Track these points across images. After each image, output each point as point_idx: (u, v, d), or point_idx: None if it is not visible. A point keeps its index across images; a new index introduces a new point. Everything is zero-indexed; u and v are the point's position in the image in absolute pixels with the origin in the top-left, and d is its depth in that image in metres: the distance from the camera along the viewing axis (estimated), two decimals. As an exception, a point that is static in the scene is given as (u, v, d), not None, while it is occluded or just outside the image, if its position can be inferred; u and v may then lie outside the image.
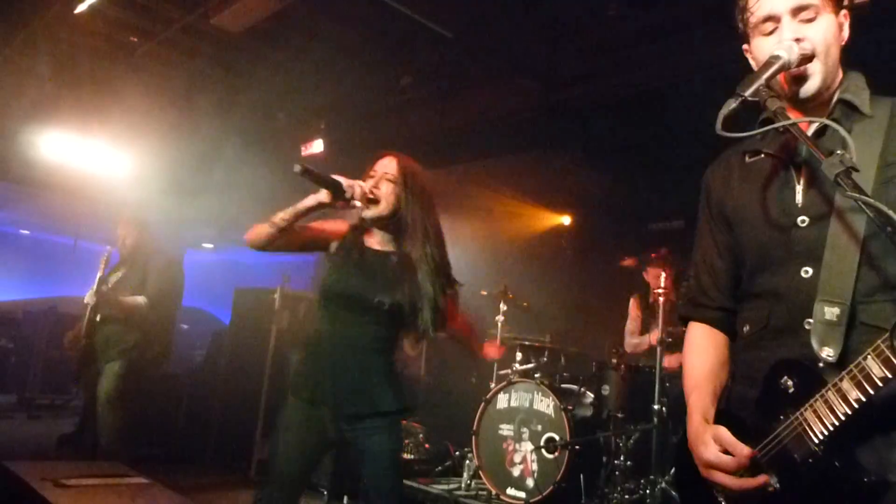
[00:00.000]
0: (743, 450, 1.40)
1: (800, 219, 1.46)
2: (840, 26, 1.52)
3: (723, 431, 1.45)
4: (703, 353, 1.68)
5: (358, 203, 2.41)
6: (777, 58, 1.44)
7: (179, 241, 5.11)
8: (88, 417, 4.64)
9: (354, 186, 2.40)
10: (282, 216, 2.37)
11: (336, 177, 2.36)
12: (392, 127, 6.71)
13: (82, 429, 5.14)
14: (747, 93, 1.39)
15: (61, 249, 12.69)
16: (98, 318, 4.42)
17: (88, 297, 4.35)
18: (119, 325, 4.40)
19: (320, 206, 2.37)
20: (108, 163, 7.15)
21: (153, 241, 4.69)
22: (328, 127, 6.93)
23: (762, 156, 1.59)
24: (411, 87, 6.14)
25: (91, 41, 5.86)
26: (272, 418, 5.67)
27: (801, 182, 1.49)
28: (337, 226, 2.57)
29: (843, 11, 1.53)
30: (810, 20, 1.48)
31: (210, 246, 12.46)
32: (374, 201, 2.44)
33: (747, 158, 1.63)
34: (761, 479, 1.38)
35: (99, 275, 4.41)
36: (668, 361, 4.56)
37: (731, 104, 1.39)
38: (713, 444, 1.45)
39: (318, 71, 6.25)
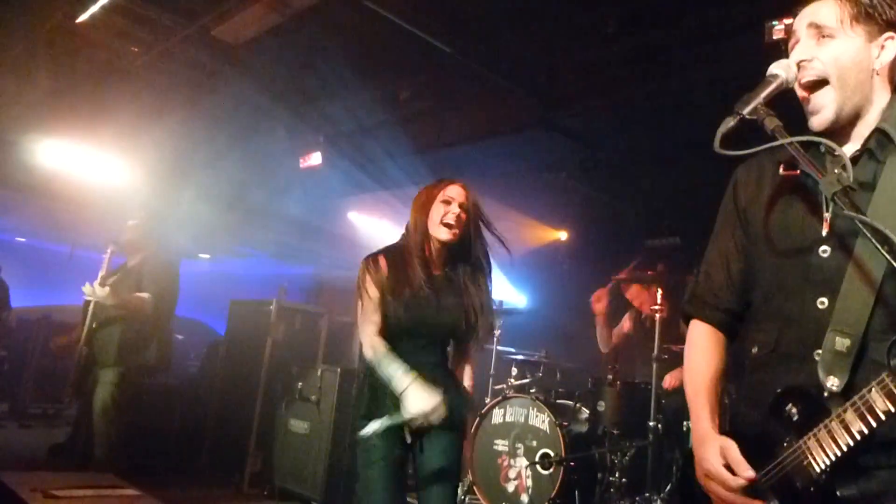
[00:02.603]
0: (746, 471, 1.38)
1: (821, 248, 1.43)
2: (876, 49, 1.46)
3: (731, 446, 1.43)
4: (707, 354, 1.65)
5: None
6: (774, 76, 1.43)
7: (176, 250, 5.08)
8: (81, 427, 4.59)
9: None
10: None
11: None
12: (390, 140, 6.73)
13: (74, 439, 5.10)
14: (745, 111, 1.39)
15: (57, 258, 12.64)
16: (95, 325, 4.38)
17: (89, 292, 4.22)
18: (117, 327, 4.36)
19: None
20: (106, 171, 7.15)
21: (155, 242, 4.68)
22: (327, 140, 6.95)
23: (798, 173, 1.52)
24: (410, 102, 6.16)
25: (92, 51, 5.88)
26: (266, 431, 5.65)
27: (829, 211, 1.44)
28: (379, 275, 2.59)
29: (888, 34, 1.46)
30: (827, 41, 1.45)
31: (206, 256, 12.45)
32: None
33: (782, 170, 1.57)
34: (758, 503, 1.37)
35: (102, 272, 4.36)
36: (667, 381, 4.55)
37: (729, 122, 1.39)
38: (718, 455, 1.43)
39: (318, 84, 6.27)
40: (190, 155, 6.87)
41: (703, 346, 1.67)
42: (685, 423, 4.14)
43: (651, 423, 4.20)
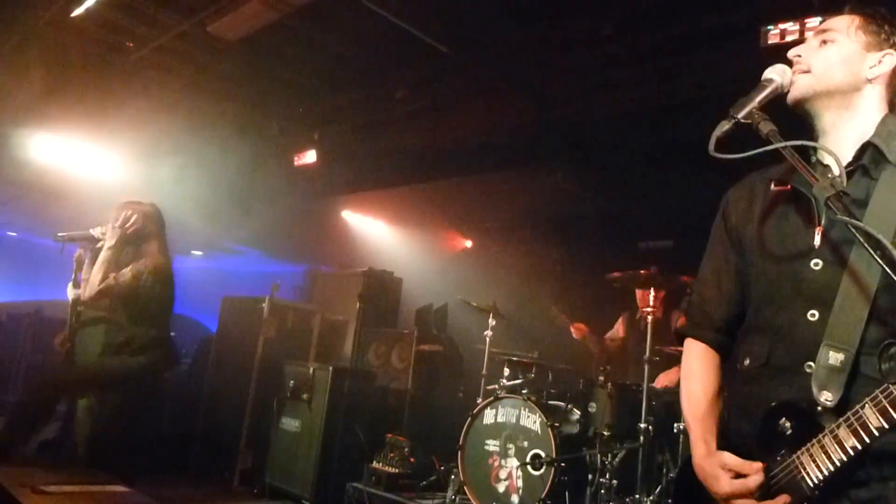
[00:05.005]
0: (753, 466, 1.38)
1: (813, 261, 1.43)
2: (873, 59, 1.48)
3: (727, 457, 1.43)
4: (703, 379, 1.64)
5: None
6: (770, 81, 1.44)
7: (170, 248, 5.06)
8: (70, 423, 4.58)
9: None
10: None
11: (91, 230, 4.04)
12: (385, 139, 6.72)
13: (64, 435, 5.07)
14: (740, 115, 1.39)
15: (48, 252, 12.55)
16: (76, 323, 4.37)
17: (71, 291, 4.31)
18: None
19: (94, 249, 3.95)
20: (98, 167, 7.12)
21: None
22: (321, 137, 6.94)
23: (789, 187, 1.53)
24: (405, 101, 6.15)
25: (86, 45, 5.85)
26: (257, 428, 5.63)
27: (822, 224, 1.45)
28: None
29: (889, 51, 1.48)
30: (829, 45, 1.48)
31: (199, 253, 12.40)
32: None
33: (773, 186, 1.58)
34: (782, 498, 1.35)
35: (73, 277, 4.39)
36: (660, 381, 4.58)
37: (724, 126, 1.39)
38: (724, 474, 1.42)
39: (313, 82, 6.26)
40: (184, 151, 6.84)
41: (699, 370, 1.66)
42: (676, 424, 4.15)
43: (642, 425, 4.20)
